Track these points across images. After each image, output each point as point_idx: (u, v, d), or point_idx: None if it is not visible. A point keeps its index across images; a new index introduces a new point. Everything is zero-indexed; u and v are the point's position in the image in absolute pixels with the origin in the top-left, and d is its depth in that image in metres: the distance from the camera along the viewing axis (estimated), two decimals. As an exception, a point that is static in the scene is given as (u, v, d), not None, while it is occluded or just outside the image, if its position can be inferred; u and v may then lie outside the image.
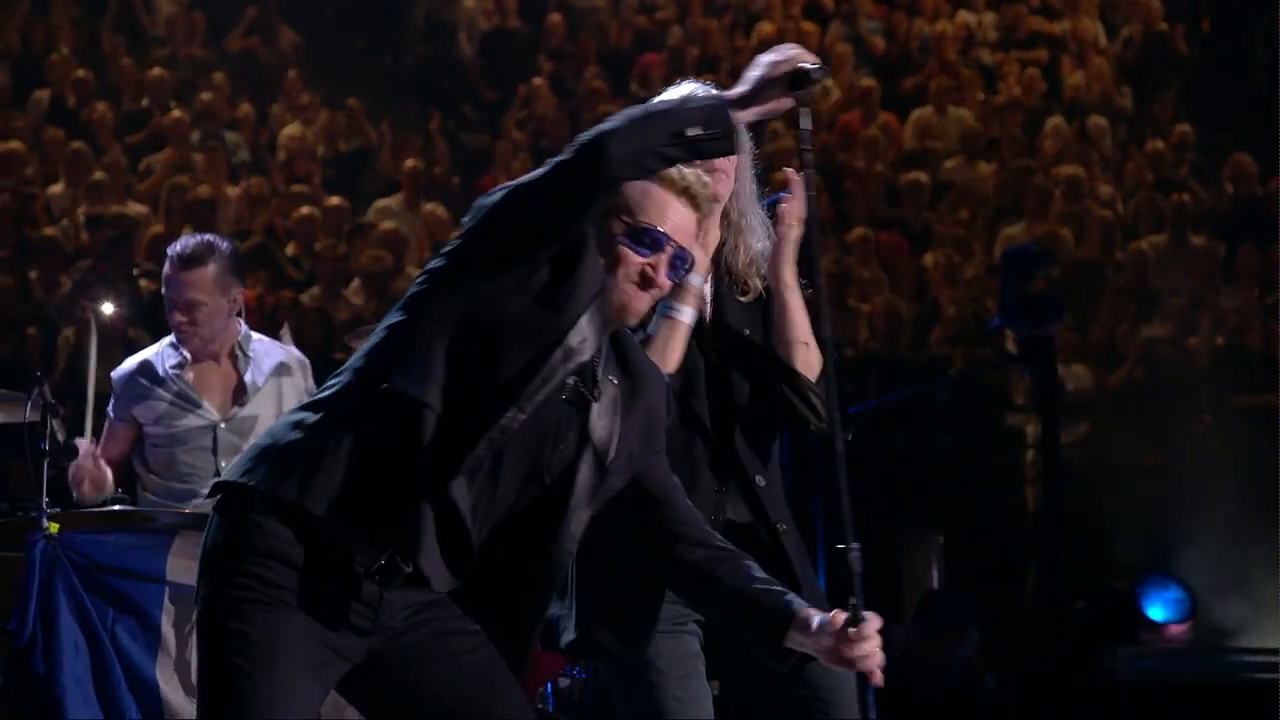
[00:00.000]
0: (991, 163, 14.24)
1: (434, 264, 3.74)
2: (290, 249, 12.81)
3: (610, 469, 3.78)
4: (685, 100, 3.75)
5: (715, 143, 3.66)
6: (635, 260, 3.75)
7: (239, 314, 6.66)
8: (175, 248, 6.55)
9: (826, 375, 3.98)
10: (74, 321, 11.04)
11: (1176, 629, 9.41)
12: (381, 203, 13.56)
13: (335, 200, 13.20)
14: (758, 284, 4.47)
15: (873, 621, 3.74)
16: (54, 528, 5.73)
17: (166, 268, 6.53)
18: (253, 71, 14.85)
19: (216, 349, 6.59)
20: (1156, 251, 13.08)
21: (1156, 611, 9.46)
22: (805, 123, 3.84)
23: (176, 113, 13.86)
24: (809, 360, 4.41)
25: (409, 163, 13.67)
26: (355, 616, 3.60)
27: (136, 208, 12.89)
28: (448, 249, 3.75)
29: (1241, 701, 8.16)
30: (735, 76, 3.77)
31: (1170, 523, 9.92)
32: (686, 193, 3.80)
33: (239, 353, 6.60)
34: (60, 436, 6.09)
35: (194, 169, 13.37)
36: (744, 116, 3.72)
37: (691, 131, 3.62)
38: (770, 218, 4.53)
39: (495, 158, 14.16)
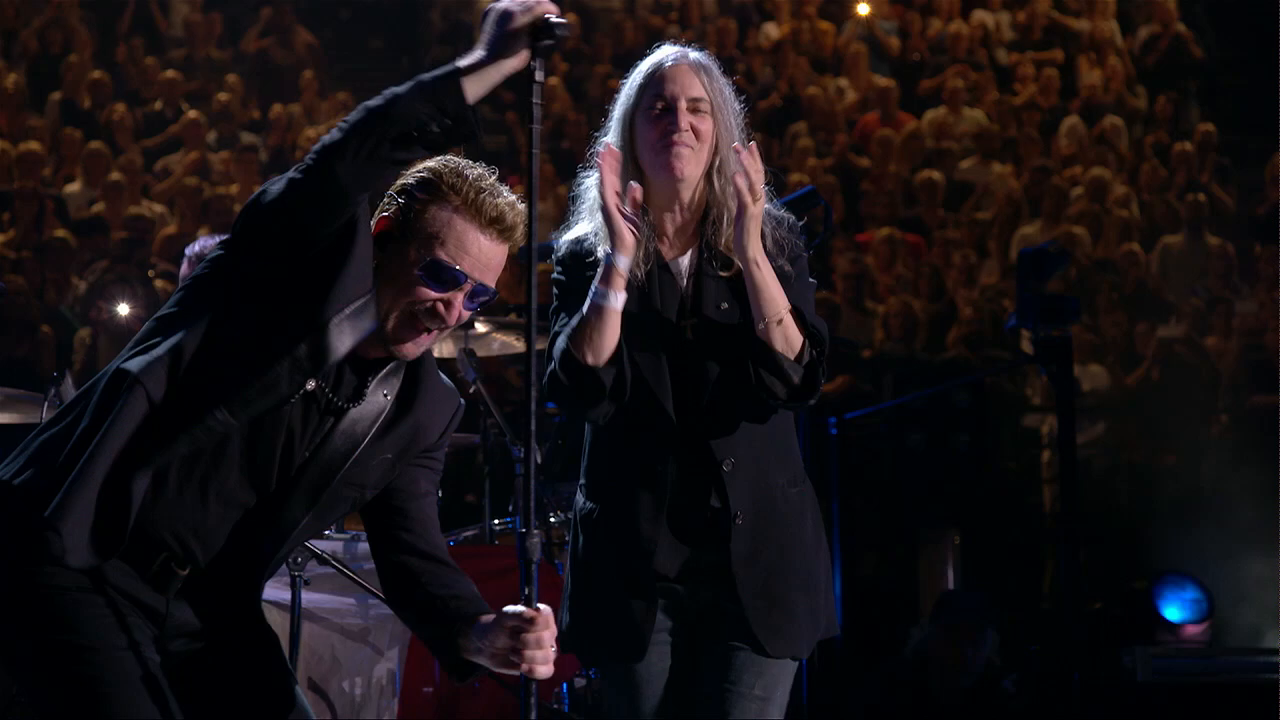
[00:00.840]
0: (1007, 163, 14.23)
1: (213, 253, 3.64)
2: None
3: (342, 478, 3.66)
4: (412, 91, 3.44)
5: (451, 132, 3.47)
6: (428, 295, 3.60)
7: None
8: (193, 248, 6.57)
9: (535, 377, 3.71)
10: (90, 322, 11.06)
11: (1193, 629, 9.38)
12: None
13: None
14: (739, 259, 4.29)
15: (542, 622, 3.54)
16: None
17: (184, 267, 6.54)
18: (268, 73, 14.86)
19: None
20: (1173, 252, 13.06)
21: (1173, 612, 9.43)
22: (540, 76, 3.60)
23: (193, 114, 13.87)
24: (788, 337, 4.18)
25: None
26: (138, 632, 3.54)
27: (154, 208, 12.91)
28: (223, 240, 3.66)
29: (1258, 702, 8.13)
30: (750, 78, 3.73)
31: (1187, 523, 9.90)
32: (495, 224, 3.63)
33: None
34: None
35: (210, 170, 13.39)
36: (481, 88, 3.48)
37: (421, 128, 3.42)
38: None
39: (514, 158, 14.16)
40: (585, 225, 4.35)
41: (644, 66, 4.34)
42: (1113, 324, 12.28)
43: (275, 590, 5.67)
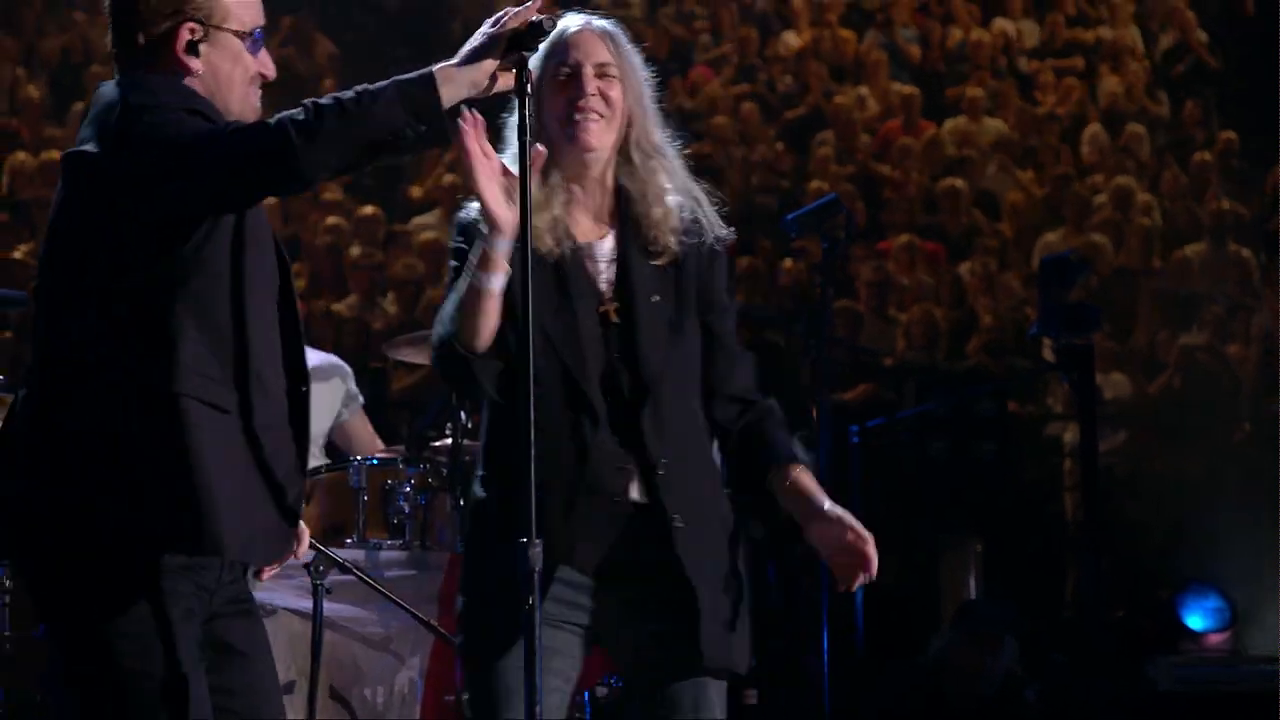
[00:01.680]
0: (1028, 171, 14.22)
1: (76, 208, 3.57)
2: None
3: None
4: (390, 96, 3.46)
5: (420, 140, 3.49)
6: (260, 65, 3.72)
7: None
8: None
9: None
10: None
11: (1216, 638, 9.36)
12: (420, 219, 13.56)
13: (369, 210, 13.23)
14: (672, 243, 4.01)
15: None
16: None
17: None
18: (289, 82, 14.87)
19: None
20: (1195, 259, 13.04)
21: (1196, 621, 9.40)
22: (530, 89, 3.61)
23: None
24: None
25: (447, 178, 13.64)
26: (195, 624, 3.55)
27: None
28: (83, 189, 3.55)
29: (1282, 711, 8.11)
30: (771, 87, 3.69)
31: (1210, 531, 9.87)
32: None
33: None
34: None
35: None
36: (455, 92, 3.51)
37: (392, 133, 3.44)
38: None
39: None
40: None
41: (550, 37, 4.01)
42: (1135, 332, 12.26)
43: (297, 599, 5.67)
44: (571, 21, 4.08)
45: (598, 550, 3.94)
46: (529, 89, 3.62)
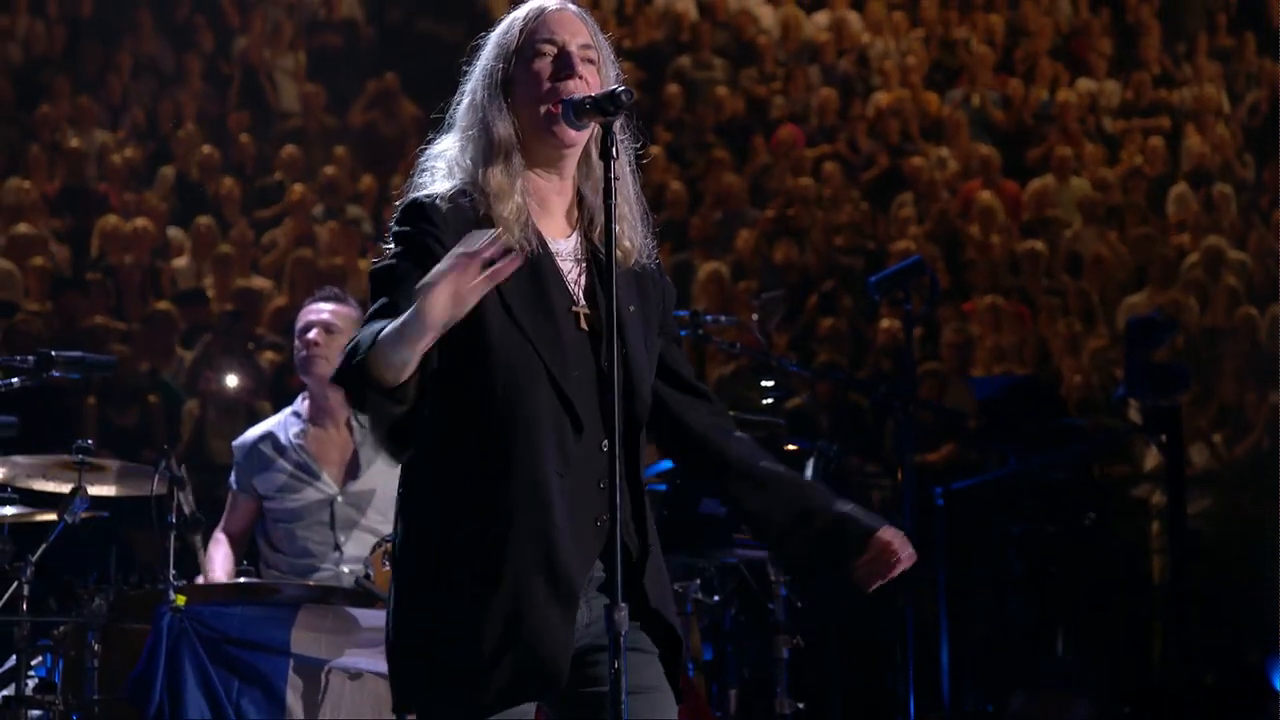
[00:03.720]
0: (1113, 231, 14.18)
1: None
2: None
3: None
4: None
5: None
6: None
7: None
8: (317, 293, 6.79)
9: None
10: (198, 394, 11.16)
11: (1307, 703, 9.28)
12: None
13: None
14: (635, 253, 3.69)
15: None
16: (181, 600, 5.77)
17: (306, 305, 6.71)
18: (376, 144, 14.96)
19: (334, 405, 6.66)
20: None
21: (1286, 685, 9.33)
22: (614, 151, 3.46)
23: (299, 187, 13.98)
24: None
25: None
26: None
27: (260, 281, 13.01)
28: None
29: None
30: (853, 146, 3.69)
31: (1301, 594, 9.78)
32: None
33: (355, 423, 6.67)
34: (186, 509, 6.14)
35: (316, 242, 13.48)
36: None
37: None
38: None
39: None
40: (445, 184, 3.76)
41: (519, 15, 3.70)
42: (1222, 392, 12.17)
43: (383, 662, 5.66)
44: (548, 1, 3.71)
45: (587, 566, 3.57)
46: (614, 151, 3.48)
